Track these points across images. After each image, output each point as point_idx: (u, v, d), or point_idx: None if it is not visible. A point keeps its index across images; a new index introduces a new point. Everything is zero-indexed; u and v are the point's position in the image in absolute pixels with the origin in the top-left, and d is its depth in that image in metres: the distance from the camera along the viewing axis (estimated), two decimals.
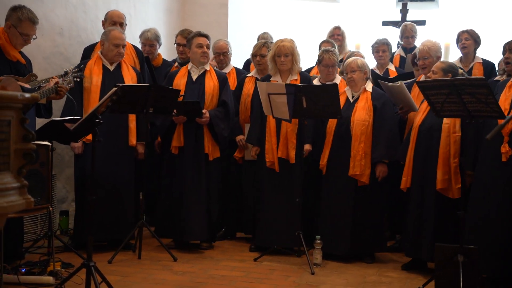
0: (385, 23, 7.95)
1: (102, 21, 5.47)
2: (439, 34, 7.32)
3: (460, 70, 4.53)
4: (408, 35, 6.54)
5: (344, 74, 4.94)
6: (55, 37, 5.52)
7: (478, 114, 3.71)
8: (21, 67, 4.39)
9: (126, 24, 5.46)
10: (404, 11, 7.78)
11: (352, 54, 5.58)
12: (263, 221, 4.99)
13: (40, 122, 4.46)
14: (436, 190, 4.23)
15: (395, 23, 7.78)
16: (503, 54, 4.48)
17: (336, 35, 6.48)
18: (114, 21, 5.32)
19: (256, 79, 5.30)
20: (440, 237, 4.20)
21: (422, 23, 7.45)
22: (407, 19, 7.56)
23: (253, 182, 5.19)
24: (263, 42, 5.45)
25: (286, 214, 4.90)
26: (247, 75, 5.47)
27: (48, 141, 4.01)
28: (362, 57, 5.27)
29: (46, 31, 5.32)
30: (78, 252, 4.32)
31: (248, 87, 5.33)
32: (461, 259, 3.70)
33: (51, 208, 4.02)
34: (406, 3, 7.93)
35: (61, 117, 4.49)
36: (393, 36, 6.99)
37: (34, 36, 4.40)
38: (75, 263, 4.17)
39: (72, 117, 3.92)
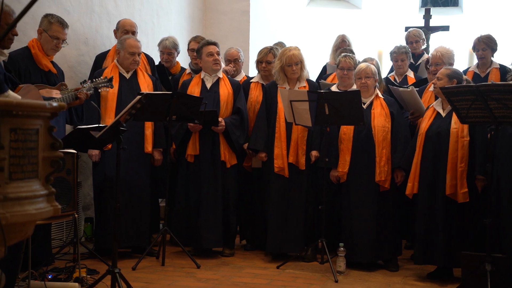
0: (408, 29, 7.87)
1: (114, 30, 5.53)
2: (463, 39, 7.26)
3: (464, 76, 4.52)
4: (412, 40, 6.43)
5: (356, 79, 4.89)
6: (80, 46, 5.60)
7: (505, 120, 3.66)
8: (52, 77, 4.51)
9: (137, 32, 5.51)
10: (427, 16, 7.71)
11: (366, 60, 5.55)
12: (272, 228, 4.97)
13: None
14: (445, 195, 4.22)
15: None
16: None
17: (344, 43, 6.41)
18: (126, 30, 5.38)
19: (262, 85, 5.30)
20: (452, 243, 4.17)
21: (445, 28, 7.40)
22: (431, 25, 7.50)
23: (260, 188, 5.19)
24: (269, 48, 5.43)
25: (295, 220, 4.91)
26: (251, 81, 5.46)
27: (73, 149, 4.06)
28: (375, 64, 5.21)
29: (71, 40, 5.39)
30: (102, 259, 4.36)
31: (256, 94, 5.32)
32: (489, 268, 3.64)
33: (76, 215, 4.06)
34: (429, 9, 7.86)
35: (84, 125, 4.54)
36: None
37: (65, 42, 4.49)
38: (100, 269, 4.21)
39: (97, 125, 3.96)
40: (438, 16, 8.25)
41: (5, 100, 1.78)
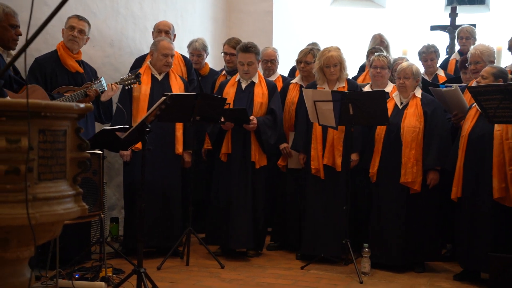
0: (434, 28, 7.79)
1: (152, 32, 5.63)
2: (490, 38, 7.14)
3: (510, 76, 4.38)
4: (463, 36, 6.32)
5: (396, 79, 4.85)
6: (106, 47, 5.67)
7: None
8: (79, 77, 4.58)
9: (174, 34, 5.58)
10: (453, 15, 7.61)
11: (397, 60, 5.50)
12: (308, 229, 4.96)
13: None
14: (492, 199, 4.11)
15: (443, 28, 7.62)
16: None
17: (381, 43, 6.37)
18: (159, 29, 5.50)
19: (301, 86, 5.29)
20: (497, 247, 4.08)
21: (472, 26, 7.27)
22: (456, 23, 7.39)
23: (297, 190, 5.17)
24: (309, 48, 5.43)
25: (332, 222, 4.86)
26: (291, 82, 5.46)
27: (99, 150, 4.12)
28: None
29: (97, 42, 5.47)
30: (128, 259, 4.40)
31: (293, 95, 5.33)
32: None
33: (102, 215, 4.11)
34: (456, 7, 7.76)
35: (111, 126, 4.60)
36: (442, 41, 6.85)
37: (85, 35, 4.58)
38: (125, 269, 4.25)
39: (123, 126, 4.00)
40: (464, 14, 8.13)
41: (34, 101, 1.81)
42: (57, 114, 1.95)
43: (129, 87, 4.67)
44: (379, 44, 6.25)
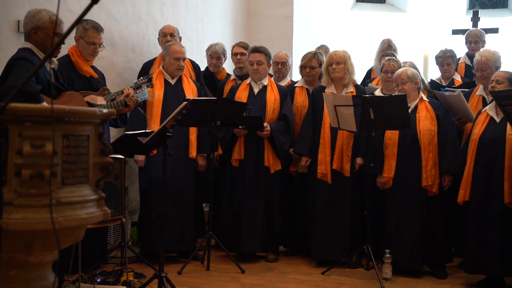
0: (455, 32, 7.70)
1: (158, 38, 5.65)
2: None
3: None
4: (471, 40, 6.28)
5: (395, 86, 4.83)
6: (127, 53, 5.72)
7: None
8: (94, 82, 4.59)
9: (180, 37, 5.59)
10: (475, 19, 7.52)
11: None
12: (316, 234, 4.94)
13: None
14: (502, 203, 4.08)
15: (465, 32, 7.52)
16: None
17: (390, 48, 6.32)
18: (164, 33, 5.53)
19: (307, 90, 5.30)
20: (507, 252, 4.04)
21: (494, 31, 7.19)
22: (479, 27, 7.31)
23: (304, 195, 5.16)
24: (313, 53, 5.41)
25: (338, 227, 4.86)
26: (296, 85, 5.45)
27: (120, 155, 4.14)
28: (414, 67, 5.11)
29: (119, 47, 5.52)
30: (149, 263, 4.42)
31: (302, 99, 5.32)
32: None
33: (124, 220, 4.14)
34: (478, 11, 7.67)
35: (126, 130, 4.61)
36: (464, 45, 6.77)
37: (102, 46, 4.57)
38: (146, 273, 4.28)
39: (144, 131, 4.03)
40: (487, 18, 8.03)
41: (58, 107, 1.83)
42: (81, 120, 1.98)
43: (150, 87, 4.65)
44: (387, 48, 6.22)
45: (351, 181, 4.88)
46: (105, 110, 2.08)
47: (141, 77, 4.73)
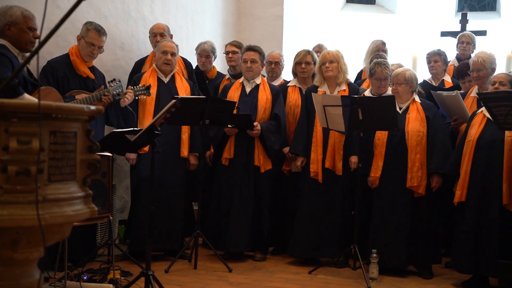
0: (444, 34, 7.77)
1: (149, 37, 5.65)
2: (500, 44, 7.12)
3: None
4: (464, 40, 6.35)
5: (390, 85, 4.86)
6: (116, 50, 5.70)
7: None
8: (90, 82, 4.63)
9: (171, 35, 5.59)
10: (463, 21, 7.59)
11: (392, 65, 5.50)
12: (304, 233, 4.95)
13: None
14: (500, 204, 4.10)
15: (454, 34, 7.58)
16: None
17: (381, 50, 6.36)
18: (154, 33, 5.53)
19: (300, 89, 5.31)
20: (504, 253, 4.06)
21: (482, 33, 7.25)
22: (467, 30, 7.37)
23: (297, 194, 5.18)
24: (307, 50, 5.45)
25: (328, 225, 4.88)
26: (289, 85, 5.47)
27: (108, 152, 4.13)
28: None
29: (108, 45, 5.47)
30: (136, 261, 4.41)
31: (295, 98, 5.34)
32: None
33: (111, 217, 4.12)
34: (466, 13, 7.74)
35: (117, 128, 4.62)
36: (452, 47, 6.83)
37: (101, 47, 4.61)
38: (133, 271, 4.26)
39: (132, 129, 4.02)
40: (475, 21, 8.10)
41: (45, 103, 1.82)
42: (68, 116, 1.97)
43: (137, 97, 4.71)
44: (379, 50, 6.24)
45: (343, 180, 4.88)
46: (93, 107, 2.07)
47: (139, 85, 4.74)
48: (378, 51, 6.23)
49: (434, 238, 4.72)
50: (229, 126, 4.85)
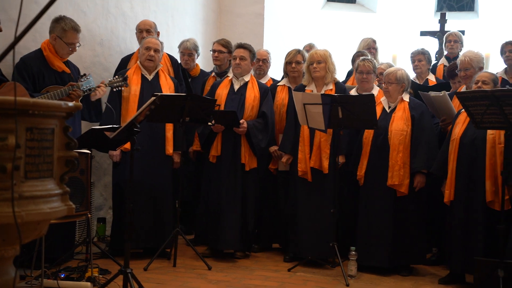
0: (423, 33, 7.86)
1: (136, 33, 5.62)
2: (478, 44, 7.20)
3: None
4: (451, 39, 6.42)
5: (382, 84, 4.91)
6: (95, 47, 5.65)
7: None
8: (66, 77, 4.55)
9: (158, 32, 5.58)
10: (442, 21, 7.67)
11: (380, 64, 5.55)
12: (296, 231, 4.97)
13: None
14: (484, 202, 4.14)
15: (433, 33, 7.68)
16: None
17: (372, 48, 6.41)
18: (140, 29, 5.52)
19: (289, 88, 5.32)
20: (489, 251, 4.10)
21: (461, 33, 7.33)
22: (446, 29, 7.46)
23: (286, 192, 5.19)
24: (297, 49, 5.46)
25: (320, 224, 4.87)
26: (279, 84, 5.48)
27: (87, 149, 4.10)
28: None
29: (87, 41, 5.44)
30: (115, 259, 4.38)
31: (282, 97, 5.35)
32: (502, 274, 3.61)
33: (89, 215, 4.09)
34: (445, 13, 7.82)
35: (100, 125, 4.58)
36: (432, 47, 6.91)
37: (78, 44, 4.56)
38: (112, 269, 4.23)
39: (111, 126, 3.99)
40: (454, 21, 8.20)
41: (21, 99, 1.80)
42: (45, 113, 1.94)
43: (117, 89, 4.66)
44: (369, 47, 6.29)
45: (331, 178, 4.87)
46: (71, 104, 2.04)
47: (116, 76, 4.69)
48: (369, 49, 6.28)
49: (419, 238, 4.70)
50: (209, 124, 4.84)
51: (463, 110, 4.39)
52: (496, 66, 6.15)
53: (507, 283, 3.61)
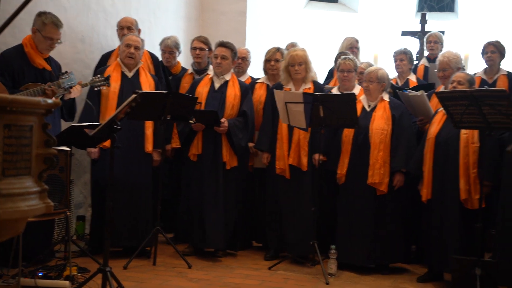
0: (404, 33, 7.91)
1: (117, 30, 5.57)
2: (458, 44, 7.28)
3: None
4: (431, 40, 6.48)
5: (362, 83, 4.94)
6: (76, 43, 5.59)
7: (498, 126, 3.69)
8: (47, 74, 4.49)
9: (139, 29, 5.55)
10: (423, 21, 7.74)
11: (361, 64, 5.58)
12: (275, 229, 4.98)
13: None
14: (458, 201, 4.19)
15: (414, 34, 7.74)
16: None
17: (354, 48, 6.44)
18: (122, 26, 5.49)
19: (267, 85, 5.32)
20: (464, 249, 4.15)
21: (441, 34, 7.40)
22: (426, 30, 7.52)
23: (263, 189, 5.19)
24: (277, 47, 5.46)
25: (298, 222, 4.88)
26: (257, 81, 5.48)
27: (67, 147, 4.05)
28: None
29: (68, 37, 5.38)
30: (94, 257, 4.35)
31: (260, 94, 5.36)
32: (479, 272, 3.66)
33: (68, 213, 4.05)
34: (425, 14, 7.89)
35: (78, 122, 4.54)
36: (413, 47, 6.95)
37: (59, 41, 4.49)
38: (91, 268, 4.20)
39: (91, 123, 3.96)
40: (434, 21, 8.27)
41: (0, 95, 1.77)
42: (24, 109, 1.92)
43: (97, 88, 4.62)
44: (352, 47, 6.31)
45: (310, 175, 4.89)
46: (50, 101, 2.02)
47: (98, 75, 4.64)
48: (351, 48, 6.30)
49: (399, 236, 4.74)
50: (190, 121, 4.82)
51: (440, 109, 4.45)
52: (475, 66, 6.21)
53: (484, 281, 3.66)
